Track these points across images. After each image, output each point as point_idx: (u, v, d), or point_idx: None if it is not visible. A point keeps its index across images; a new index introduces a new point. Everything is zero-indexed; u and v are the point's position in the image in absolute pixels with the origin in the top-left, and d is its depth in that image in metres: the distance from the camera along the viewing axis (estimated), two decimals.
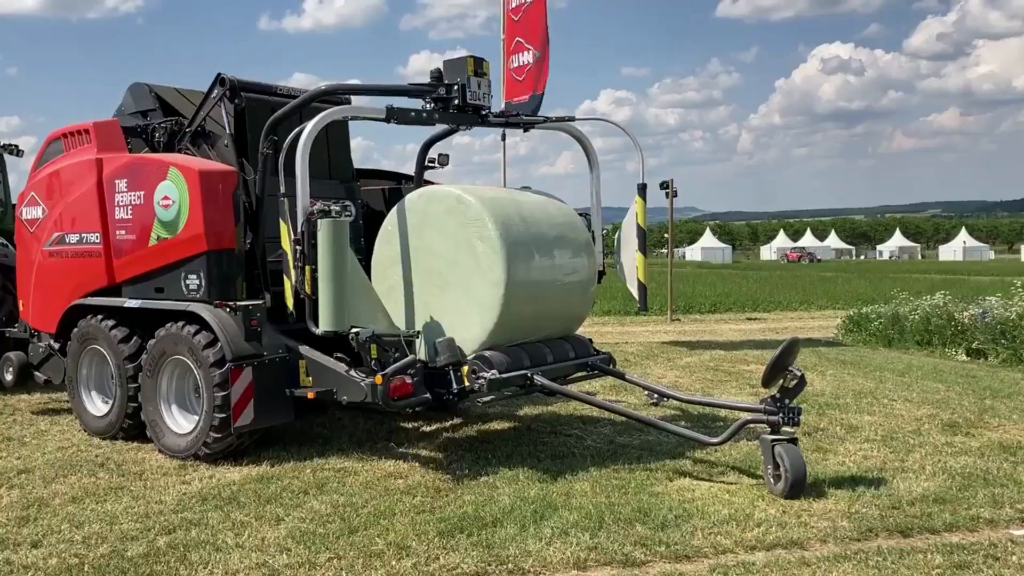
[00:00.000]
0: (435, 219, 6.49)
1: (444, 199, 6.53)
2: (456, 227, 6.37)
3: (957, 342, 13.00)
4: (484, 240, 6.24)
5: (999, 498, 5.47)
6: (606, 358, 7.09)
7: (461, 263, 6.34)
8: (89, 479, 6.19)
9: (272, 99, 7.42)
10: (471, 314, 6.29)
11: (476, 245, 6.27)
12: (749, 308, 22.77)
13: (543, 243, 6.64)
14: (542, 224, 6.75)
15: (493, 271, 6.21)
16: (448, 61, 6.80)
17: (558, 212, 7.12)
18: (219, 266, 6.71)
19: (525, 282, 6.37)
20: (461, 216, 6.36)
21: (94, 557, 4.67)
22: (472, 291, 6.30)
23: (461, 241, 6.34)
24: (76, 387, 7.70)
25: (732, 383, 10.09)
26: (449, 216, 6.42)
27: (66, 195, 7.75)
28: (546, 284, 6.64)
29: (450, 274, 6.40)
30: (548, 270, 6.67)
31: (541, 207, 7.01)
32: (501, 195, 6.95)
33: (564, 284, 6.83)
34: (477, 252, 6.26)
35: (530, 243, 6.49)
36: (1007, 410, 8.32)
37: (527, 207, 6.81)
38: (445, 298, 6.41)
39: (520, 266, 6.32)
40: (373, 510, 5.35)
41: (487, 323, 6.25)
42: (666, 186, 15.21)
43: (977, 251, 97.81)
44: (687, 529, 4.93)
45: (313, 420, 7.84)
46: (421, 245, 6.55)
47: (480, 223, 6.27)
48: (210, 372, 6.37)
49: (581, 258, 7.01)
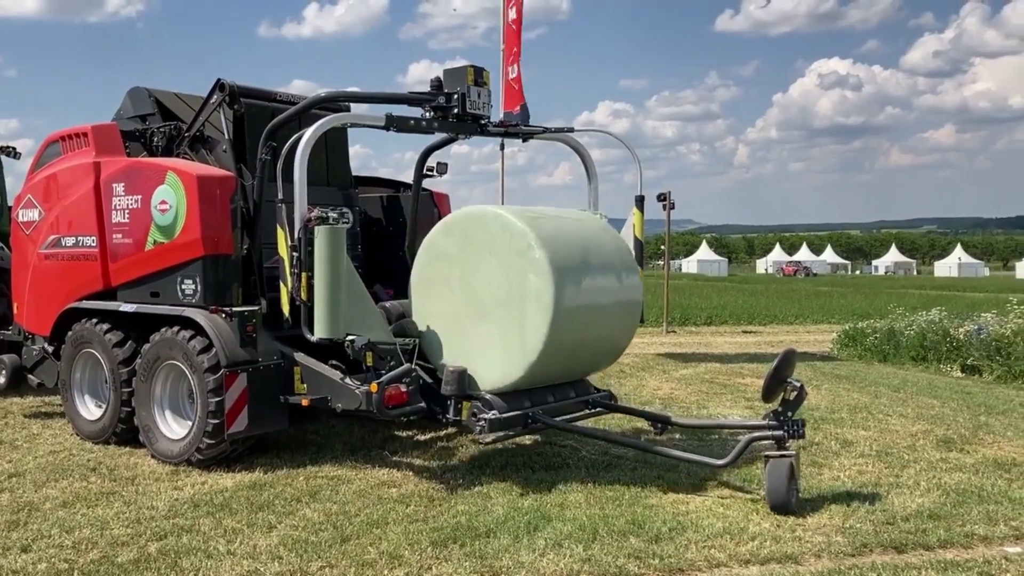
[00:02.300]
0: (475, 240, 6.19)
1: (485, 219, 6.22)
2: (498, 248, 6.04)
3: (952, 358, 13.01)
4: (531, 263, 5.89)
5: (993, 515, 5.46)
6: (606, 395, 6.98)
7: (504, 288, 6.02)
8: (80, 484, 6.15)
9: (271, 105, 7.42)
10: (512, 342, 6.00)
11: (521, 268, 5.92)
12: (744, 321, 22.78)
13: (591, 268, 6.30)
14: (590, 247, 6.41)
15: (541, 297, 5.86)
16: (448, 70, 6.81)
17: (606, 236, 6.79)
18: (215, 271, 6.69)
19: (573, 308, 6.02)
20: (505, 238, 6.02)
21: (84, 563, 4.64)
22: (516, 318, 5.97)
23: (504, 264, 6.01)
24: (69, 391, 7.66)
25: (727, 396, 10.08)
26: (490, 237, 6.10)
27: (63, 198, 7.73)
28: (594, 310, 6.31)
29: (491, 300, 6.07)
30: (596, 295, 6.33)
31: (589, 229, 6.67)
32: (547, 214, 6.54)
33: (610, 311, 6.52)
34: (523, 276, 5.92)
35: (579, 268, 6.16)
36: (1002, 427, 8.33)
37: (574, 229, 6.50)
38: (484, 326, 6.12)
39: (569, 291, 5.97)
40: (366, 519, 5.32)
41: (530, 353, 5.93)
42: (663, 198, 15.22)
43: (972, 267, 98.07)
44: (681, 542, 4.91)
45: (307, 427, 7.82)
46: (459, 267, 6.24)
47: (525, 244, 5.92)
48: (204, 378, 6.34)
49: (628, 285, 6.67)
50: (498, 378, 6.10)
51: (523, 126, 7.74)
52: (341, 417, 7.31)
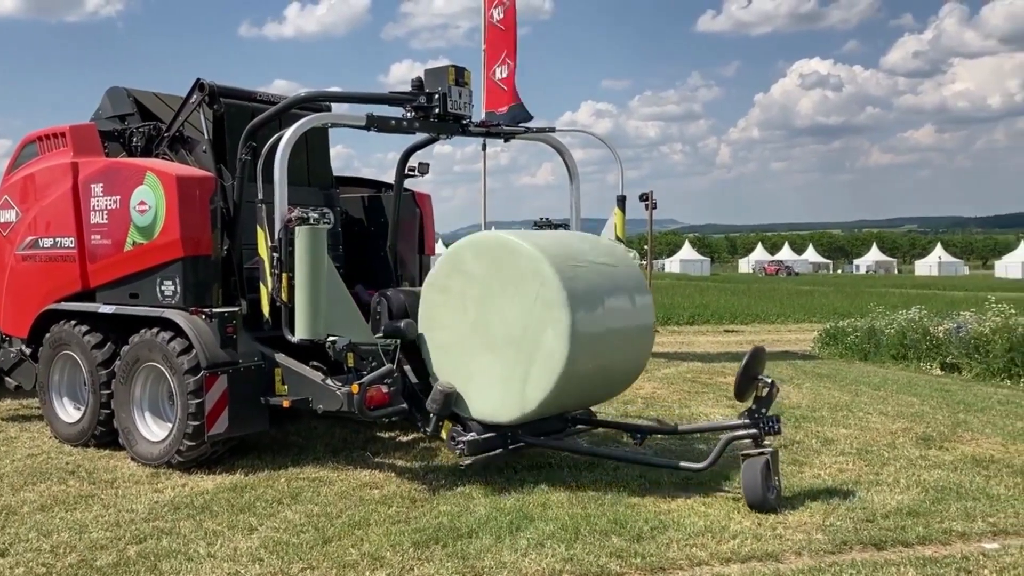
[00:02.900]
0: (504, 271, 5.89)
1: (520, 256, 5.88)
2: (525, 291, 5.78)
3: (932, 356, 13.13)
4: (553, 321, 5.65)
5: (971, 511, 5.51)
6: (586, 412, 6.96)
7: (518, 330, 5.79)
8: (59, 487, 6.09)
9: (251, 105, 7.38)
10: (513, 387, 5.82)
11: (542, 321, 5.69)
12: (727, 320, 22.87)
13: (612, 332, 6.09)
14: (617, 308, 6.20)
15: (553, 356, 5.64)
16: (430, 70, 6.80)
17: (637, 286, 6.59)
18: (195, 272, 6.65)
19: (582, 370, 5.80)
20: (535, 284, 5.74)
21: (62, 566, 4.60)
22: (522, 364, 5.77)
23: (526, 309, 5.76)
24: (47, 393, 7.59)
25: (709, 395, 10.12)
26: (520, 276, 5.82)
27: (40, 199, 7.66)
28: (602, 370, 6.12)
29: (502, 335, 5.85)
30: (609, 356, 6.11)
31: (621, 283, 6.41)
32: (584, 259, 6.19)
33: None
34: (541, 329, 5.69)
35: (599, 333, 5.94)
36: (980, 424, 8.40)
37: (607, 283, 6.21)
38: (488, 357, 5.92)
39: (582, 355, 5.73)
40: (348, 520, 5.30)
41: (527, 404, 5.78)
42: (646, 198, 15.26)
43: (952, 266, 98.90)
44: (662, 541, 4.92)
45: (288, 429, 7.78)
46: (480, 289, 5.98)
47: (553, 300, 5.66)
48: (184, 379, 6.30)
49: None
50: (489, 412, 5.99)
51: (505, 126, 7.74)
52: (322, 418, 7.28)
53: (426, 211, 8.52)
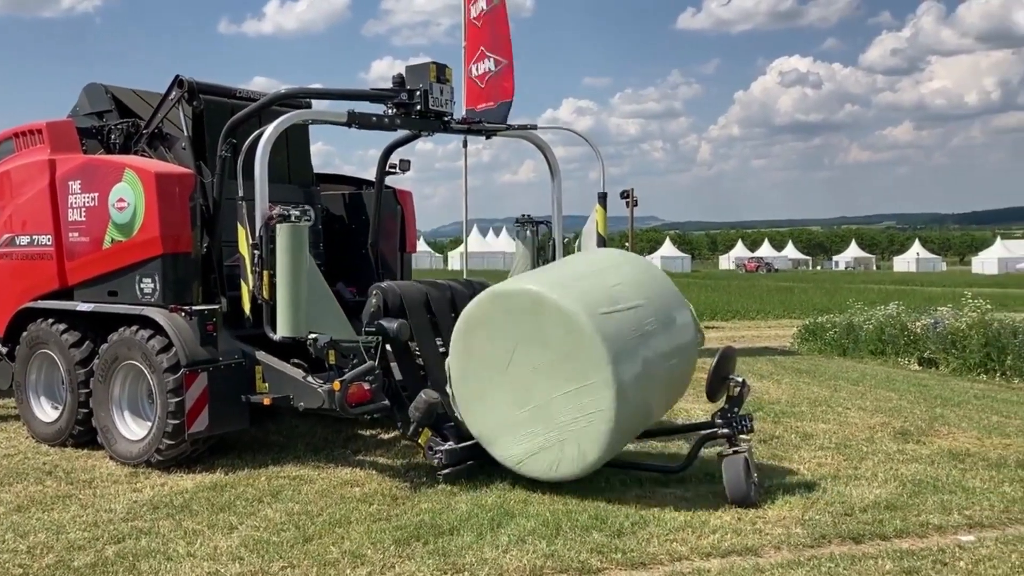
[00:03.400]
0: (554, 335, 5.46)
1: (515, 298, 5.71)
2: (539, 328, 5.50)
3: (910, 351, 13.26)
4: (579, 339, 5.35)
5: (948, 504, 5.57)
6: None
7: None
8: (36, 487, 6.04)
9: (231, 102, 7.35)
10: (544, 457, 5.59)
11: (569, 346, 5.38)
12: (707, 317, 22.95)
13: (647, 325, 5.69)
14: (639, 301, 5.77)
15: (599, 372, 5.31)
16: (411, 67, 6.79)
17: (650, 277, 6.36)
18: (175, 270, 6.61)
19: (636, 376, 5.49)
20: (543, 316, 5.46)
21: (39, 567, 4.56)
22: (554, 441, 5.52)
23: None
24: (24, 392, 7.51)
25: (690, 390, 10.11)
26: (529, 318, 5.55)
27: (17, 196, 7.58)
28: (659, 365, 5.77)
29: (542, 398, 5.52)
30: (657, 351, 5.75)
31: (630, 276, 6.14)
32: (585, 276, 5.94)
33: (674, 362, 5.99)
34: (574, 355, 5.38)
35: (633, 330, 5.56)
36: (957, 418, 8.49)
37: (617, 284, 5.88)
38: (519, 411, 5.62)
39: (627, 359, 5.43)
40: (328, 518, 5.29)
41: (602, 431, 5.39)
42: (627, 195, 15.32)
43: (930, 263, 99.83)
44: (643, 536, 4.95)
45: (269, 427, 7.75)
46: (526, 338, 5.57)
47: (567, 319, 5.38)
48: (164, 377, 6.26)
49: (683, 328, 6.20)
50: (500, 455, 5.81)
51: (487, 123, 7.73)
52: (303, 416, 7.27)
53: (407, 208, 8.51)
